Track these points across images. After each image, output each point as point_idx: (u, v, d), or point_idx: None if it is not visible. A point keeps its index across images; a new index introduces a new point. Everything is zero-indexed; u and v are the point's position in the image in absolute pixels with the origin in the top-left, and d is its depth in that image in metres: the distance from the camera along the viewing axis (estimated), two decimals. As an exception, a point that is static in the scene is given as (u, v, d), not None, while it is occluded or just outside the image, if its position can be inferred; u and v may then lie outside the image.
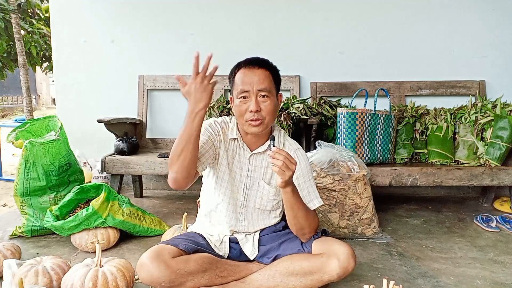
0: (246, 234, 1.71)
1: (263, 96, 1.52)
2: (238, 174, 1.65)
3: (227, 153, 1.63)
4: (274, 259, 1.62)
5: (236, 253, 1.68)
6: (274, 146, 1.43)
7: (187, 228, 2.01)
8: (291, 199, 1.48)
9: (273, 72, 1.58)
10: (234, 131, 1.63)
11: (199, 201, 1.87)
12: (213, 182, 1.66)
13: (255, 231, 1.72)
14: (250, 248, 1.68)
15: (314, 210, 1.63)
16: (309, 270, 1.52)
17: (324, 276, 1.51)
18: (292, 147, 1.68)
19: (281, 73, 3.32)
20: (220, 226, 1.70)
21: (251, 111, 1.50)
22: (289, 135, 2.51)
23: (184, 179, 1.46)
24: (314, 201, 1.63)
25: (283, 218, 1.80)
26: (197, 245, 1.58)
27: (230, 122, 1.67)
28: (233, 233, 1.70)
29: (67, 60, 3.43)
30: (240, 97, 1.53)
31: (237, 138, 1.63)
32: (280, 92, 1.63)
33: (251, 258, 1.67)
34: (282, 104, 2.65)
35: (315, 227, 1.60)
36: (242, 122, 1.55)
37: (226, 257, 1.66)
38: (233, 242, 1.69)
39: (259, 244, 1.69)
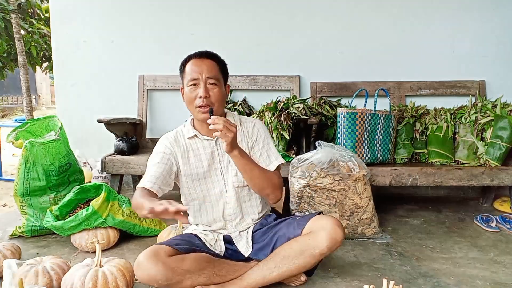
0: (239, 232, 1.73)
1: (212, 84, 1.61)
2: (211, 164, 1.70)
3: (189, 154, 1.70)
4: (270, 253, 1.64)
5: (232, 253, 1.70)
6: (212, 114, 1.53)
7: (182, 227, 2.02)
8: (240, 161, 1.56)
9: (220, 64, 1.68)
10: (191, 130, 1.71)
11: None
12: (188, 186, 1.71)
13: (246, 222, 1.73)
14: (244, 245, 1.70)
15: (276, 170, 1.70)
16: (300, 249, 1.54)
17: (315, 251, 1.52)
18: (249, 120, 1.78)
19: (281, 73, 3.34)
20: (211, 221, 1.73)
21: (201, 96, 1.58)
22: (289, 135, 2.53)
23: None
24: (273, 162, 1.71)
25: (274, 211, 1.83)
26: (193, 246, 1.61)
27: (184, 126, 1.76)
28: (225, 225, 1.73)
29: (67, 60, 3.43)
30: (190, 85, 1.62)
31: (195, 135, 1.70)
32: (228, 84, 1.74)
33: (246, 255, 1.69)
34: (282, 104, 2.65)
35: (277, 185, 1.67)
36: (192, 109, 1.64)
37: (222, 255, 1.68)
38: (227, 242, 1.71)
39: (253, 242, 1.71)
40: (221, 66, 1.68)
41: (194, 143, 1.71)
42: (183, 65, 1.68)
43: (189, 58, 1.67)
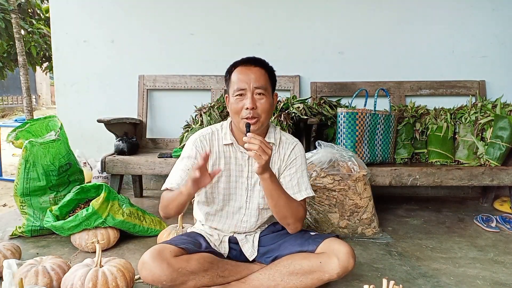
0: (246, 235, 1.71)
1: (259, 94, 1.52)
2: (239, 177, 1.65)
3: (220, 161, 1.63)
4: (274, 259, 1.62)
5: (236, 254, 1.68)
6: (249, 131, 1.44)
7: (182, 227, 2.02)
8: (269, 186, 1.49)
9: (269, 71, 1.59)
10: (228, 136, 1.62)
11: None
12: (211, 191, 1.66)
13: (255, 230, 1.72)
14: (249, 249, 1.68)
15: (302, 201, 1.62)
16: (309, 269, 1.52)
17: (324, 275, 1.51)
18: (289, 140, 1.68)
19: (281, 73, 3.35)
20: (221, 229, 1.71)
21: (247, 108, 1.50)
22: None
23: (178, 214, 1.59)
24: (302, 192, 1.62)
25: None
26: (197, 245, 1.59)
27: (222, 128, 1.66)
28: (233, 234, 1.71)
29: (67, 60, 3.43)
30: (237, 95, 1.53)
31: (232, 143, 1.62)
32: (275, 92, 1.64)
33: (250, 259, 1.67)
34: (282, 104, 2.65)
35: (299, 217, 1.59)
36: (238, 120, 1.54)
37: (226, 256, 1.66)
38: (233, 242, 1.70)
39: (259, 245, 1.69)
40: (270, 74, 1.58)
41: (227, 150, 1.63)
42: (229, 72, 1.58)
43: (235, 65, 1.57)
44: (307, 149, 2.69)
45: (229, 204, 1.68)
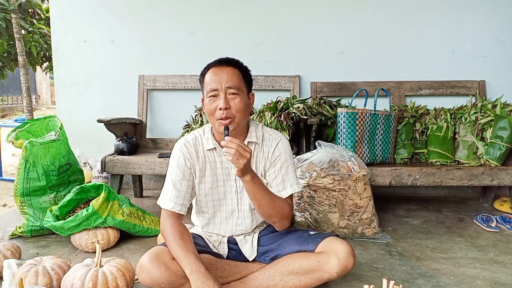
0: (245, 235, 1.71)
1: (232, 93, 1.49)
2: (227, 181, 1.63)
3: (206, 166, 1.61)
4: (273, 259, 1.62)
5: (236, 254, 1.68)
6: (227, 135, 1.41)
7: None
8: (251, 188, 1.47)
9: (242, 71, 1.56)
10: (210, 140, 1.60)
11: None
12: (200, 200, 1.65)
13: (253, 231, 1.72)
14: (249, 249, 1.68)
15: (288, 198, 1.61)
16: (309, 268, 1.52)
17: (324, 275, 1.51)
18: (272, 137, 1.65)
19: (281, 73, 3.35)
20: (218, 233, 1.71)
21: (220, 108, 1.47)
22: (289, 135, 2.52)
23: None
24: (287, 189, 1.61)
25: None
26: (196, 246, 1.58)
27: (204, 132, 1.64)
28: (232, 236, 1.71)
29: (67, 60, 3.43)
30: (210, 96, 1.50)
31: (215, 148, 1.60)
32: (252, 92, 1.61)
33: (250, 259, 1.67)
34: (282, 104, 2.65)
35: (285, 215, 1.57)
36: (213, 121, 1.53)
37: (225, 257, 1.66)
38: (232, 243, 1.70)
39: (258, 245, 1.69)
40: (243, 73, 1.56)
41: (212, 155, 1.61)
42: (202, 75, 1.56)
43: (208, 67, 1.55)
44: (307, 149, 2.70)
45: (220, 209, 1.66)
